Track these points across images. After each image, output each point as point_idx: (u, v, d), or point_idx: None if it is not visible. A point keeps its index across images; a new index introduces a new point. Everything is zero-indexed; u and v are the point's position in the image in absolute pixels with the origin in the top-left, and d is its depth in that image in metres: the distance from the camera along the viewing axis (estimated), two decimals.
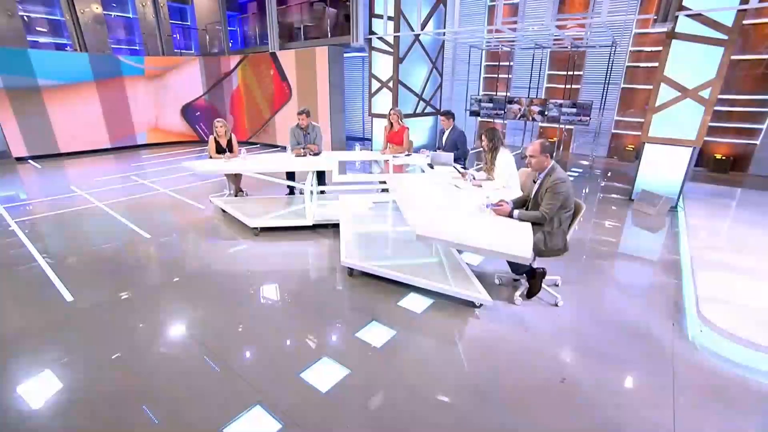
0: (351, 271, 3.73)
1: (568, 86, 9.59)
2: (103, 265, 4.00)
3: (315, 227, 4.83)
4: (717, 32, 5.03)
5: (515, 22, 9.15)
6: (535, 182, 3.36)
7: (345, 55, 10.02)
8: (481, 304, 3.23)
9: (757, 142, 8.33)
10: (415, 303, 3.30)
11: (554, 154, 10.05)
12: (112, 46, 11.45)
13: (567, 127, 9.61)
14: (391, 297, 3.38)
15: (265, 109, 11.05)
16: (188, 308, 3.23)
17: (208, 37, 12.91)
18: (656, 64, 9.19)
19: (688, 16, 5.13)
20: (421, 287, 3.37)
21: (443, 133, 5.49)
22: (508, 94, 10.66)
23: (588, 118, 8.28)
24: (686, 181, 5.86)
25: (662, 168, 5.98)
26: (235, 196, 5.96)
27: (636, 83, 9.70)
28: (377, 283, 3.59)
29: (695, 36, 5.18)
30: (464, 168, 4.46)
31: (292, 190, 6.06)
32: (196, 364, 2.56)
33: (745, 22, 6.66)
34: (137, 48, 12.14)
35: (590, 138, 10.14)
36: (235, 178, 5.88)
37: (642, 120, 9.69)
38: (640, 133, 9.76)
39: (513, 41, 9.44)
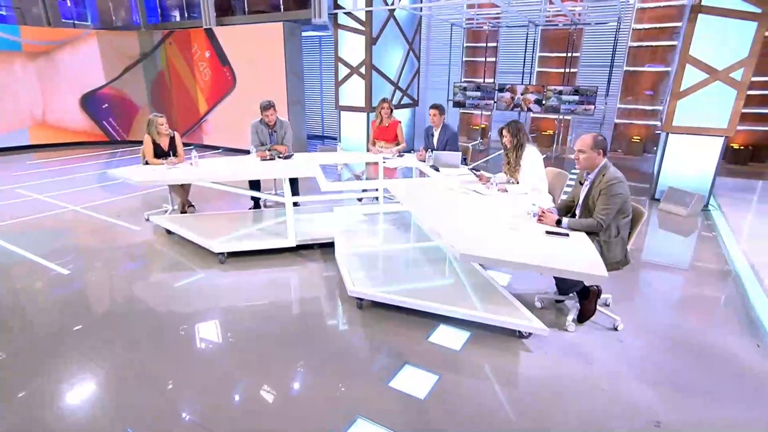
0: (360, 303, 3.58)
1: (566, 70, 10.02)
2: (7, 318, 3.55)
3: (298, 248, 4.63)
4: (749, 4, 5.42)
5: None
6: (581, 183, 3.41)
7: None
8: (529, 334, 3.19)
9: None
10: (449, 337, 3.21)
11: (554, 149, 10.45)
12: None
13: (564, 117, 10.03)
14: (417, 332, 3.27)
15: (200, 101, 10.61)
16: (158, 368, 2.92)
17: (112, 5, 12.11)
18: (660, 43, 9.97)
19: None
20: (450, 316, 3.29)
21: (431, 132, 5.47)
22: (495, 80, 10.98)
23: (592, 106, 8.67)
24: (717, 175, 6.23)
25: (688, 162, 6.34)
26: (182, 212, 5.60)
27: (638, 65, 10.32)
28: (394, 315, 3.47)
29: (725, 9, 5.56)
30: (477, 170, 4.48)
31: (257, 203, 5.80)
32: None
33: None
34: (4, 14, 11.18)
35: (589, 129, 10.66)
36: (182, 190, 5.53)
37: (647, 107, 10.33)
38: (646, 122, 10.45)
39: (499, 17, 9.78)
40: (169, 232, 5.12)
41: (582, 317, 3.40)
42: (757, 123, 9.29)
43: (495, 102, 9.58)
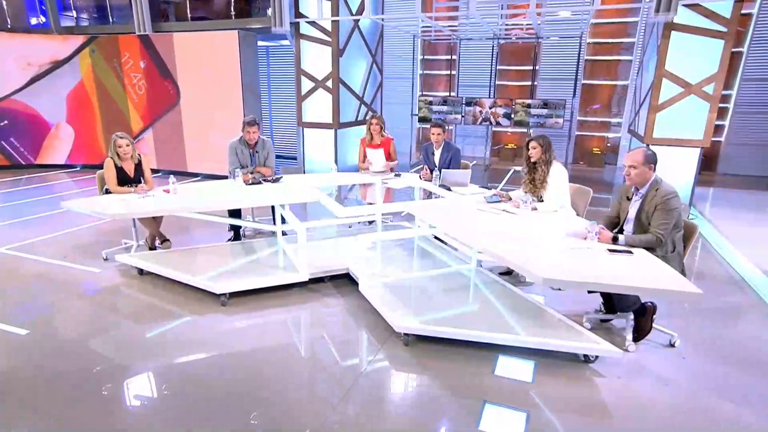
0: (407, 339, 3.46)
1: (528, 83, 10.60)
2: None
3: (308, 282, 4.40)
4: (716, 24, 6.08)
5: (457, 9, 9.83)
6: (629, 199, 3.57)
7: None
8: (596, 357, 3.25)
9: (722, 140, 10.19)
10: (515, 369, 3.19)
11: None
12: None
13: (530, 131, 10.56)
14: (479, 366, 3.21)
15: (133, 119, 9.87)
16: None
17: (5, 3, 10.83)
18: (614, 58, 10.90)
19: (686, 6, 6.11)
20: (505, 345, 3.29)
21: (431, 151, 5.50)
22: (458, 94, 11.36)
23: (561, 119, 9.20)
24: (695, 186, 6.83)
25: (667, 173, 6.87)
26: (151, 248, 5.15)
27: (594, 79, 11.19)
28: (443, 349, 3.38)
29: (695, 28, 6.19)
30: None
31: (237, 234, 5.47)
32: None
33: None
34: None
35: (552, 141, 11.32)
36: (154, 222, 5.08)
37: (605, 120, 11.19)
38: (604, 134, 11.29)
39: (457, 30, 10.16)
40: (141, 272, 4.66)
41: (639, 335, 3.51)
42: None
43: (463, 116, 9.86)
